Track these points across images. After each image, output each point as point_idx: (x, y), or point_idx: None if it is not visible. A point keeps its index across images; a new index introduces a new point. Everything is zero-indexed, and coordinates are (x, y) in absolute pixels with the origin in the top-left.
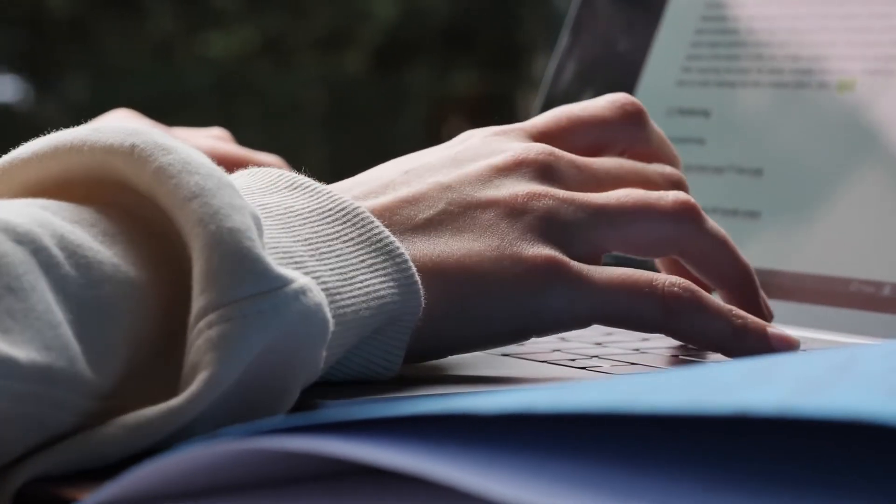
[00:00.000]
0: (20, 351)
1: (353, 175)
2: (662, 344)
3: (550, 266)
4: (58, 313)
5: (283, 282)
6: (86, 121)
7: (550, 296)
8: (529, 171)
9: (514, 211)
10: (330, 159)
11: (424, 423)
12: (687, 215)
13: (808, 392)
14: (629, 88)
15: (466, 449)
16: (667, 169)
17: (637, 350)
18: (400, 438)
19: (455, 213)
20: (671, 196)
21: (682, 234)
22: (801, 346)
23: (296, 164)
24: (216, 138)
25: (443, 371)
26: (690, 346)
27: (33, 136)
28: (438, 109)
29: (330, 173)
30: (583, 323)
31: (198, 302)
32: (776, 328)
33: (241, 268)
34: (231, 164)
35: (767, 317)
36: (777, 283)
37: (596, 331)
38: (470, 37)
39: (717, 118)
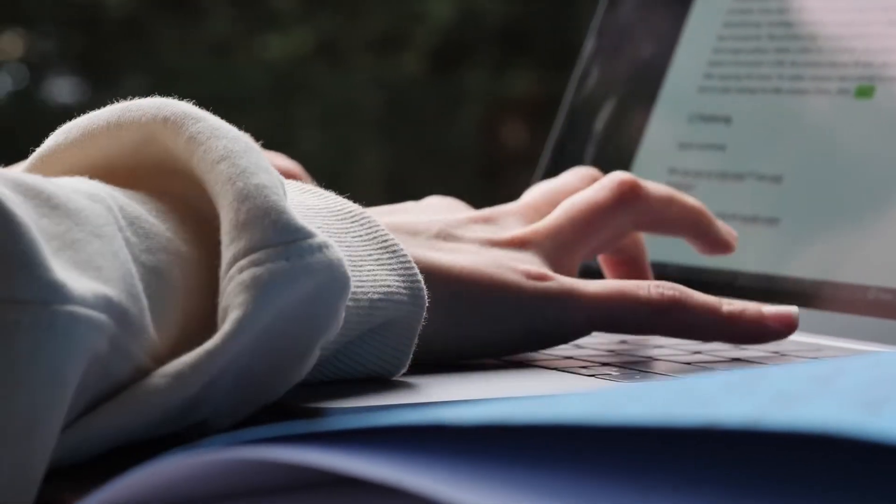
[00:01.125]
0: (112, 290)
1: (410, 175)
2: (673, 352)
3: (545, 277)
4: (132, 266)
5: (307, 234)
6: None
7: (550, 300)
8: (491, 223)
9: (499, 244)
10: (386, 160)
11: (404, 434)
12: (630, 195)
13: (782, 405)
14: (652, 95)
15: (444, 459)
16: (585, 171)
17: (650, 357)
18: (378, 448)
19: (446, 240)
20: (607, 185)
21: (633, 213)
22: (820, 353)
23: (352, 164)
24: None
25: (452, 378)
26: (690, 340)
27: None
28: (495, 111)
29: (386, 174)
30: (582, 331)
31: (227, 252)
32: (772, 307)
33: (267, 218)
34: None
35: (731, 240)
36: (795, 291)
37: (608, 338)
38: (526, 37)
39: (738, 125)
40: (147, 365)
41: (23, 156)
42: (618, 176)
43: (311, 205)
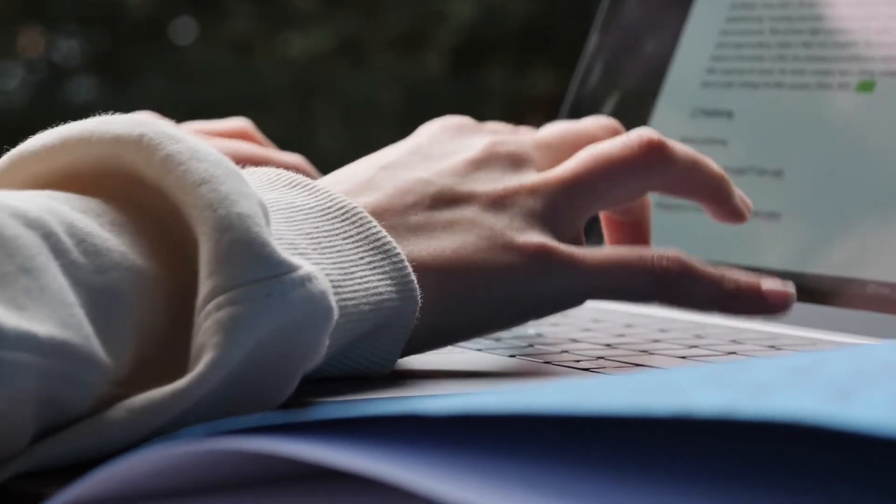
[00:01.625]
0: (39, 326)
1: None
2: (669, 346)
3: (542, 252)
4: (71, 294)
5: (290, 267)
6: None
7: (546, 280)
8: (500, 163)
9: (494, 204)
10: None
11: (382, 425)
12: (656, 156)
13: (758, 395)
14: (655, 89)
15: (421, 451)
16: (608, 121)
17: (644, 351)
18: (356, 440)
19: (440, 209)
20: (636, 141)
21: (657, 174)
22: (817, 347)
23: None
24: (238, 130)
25: (443, 370)
26: (689, 311)
27: None
28: (516, 109)
29: None
30: (577, 302)
31: (206, 285)
32: (769, 282)
33: (249, 252)
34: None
35: (745, 210)
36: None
37: (605, 332)
38: (548, 36)
39: (740, 119)
40: (107, 391)
41: None
42: (646, 133)
43: (299, 205)
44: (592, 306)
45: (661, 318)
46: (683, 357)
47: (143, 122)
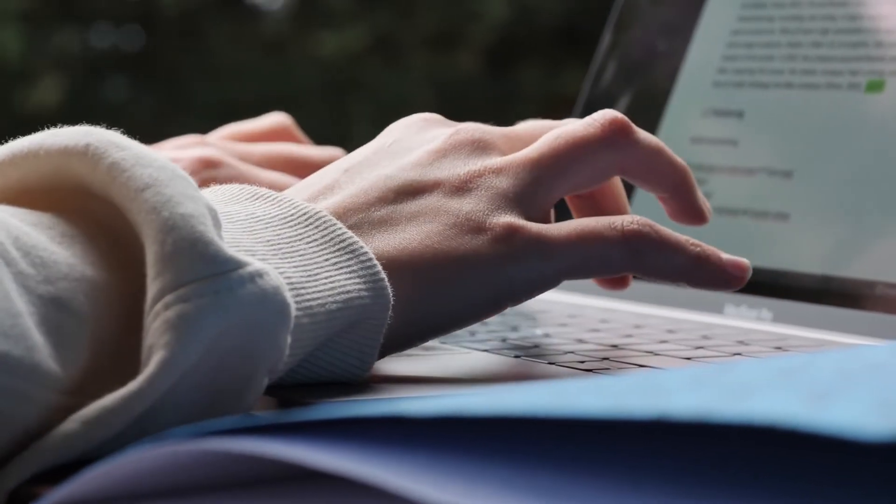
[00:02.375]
0: None
1: None
2: (677, 346)
3: (509, 232)
4: (17, 304)
5: (237, 264)
6: (197, 119)
7: (516, 262)
8: (465, 149)
9: (459, 189)
10: None
11: (368, 427)
12: (620, 135)
13: (737, 397)
14: (667, 89)
15: (405, 452)
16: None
17: (650, 352)
18: (340, 441)
19: (404, 202)
20: (599, 120)
21: (620, 154)
22: (825, 348)
23: None
24: (277, 128)
25: (442, 373)
26: (654, 280)
27: (146, 135)
28: (550, 108)
29: None
30: (552, 282)
31: (153, 286)
32: (727, 256)
33: (194, 250)
34: (297, 168)
35: (706, 212)
36: (803, 286)
37: (612, 332)
38: (581, 35)
39: (750, 119)
40: (58, 402)
41: None
42: (610, 113)
43: (260, 215)
44: (601, 306)
45: (669, 318)
46: (688, 358)
47: (90, 132)
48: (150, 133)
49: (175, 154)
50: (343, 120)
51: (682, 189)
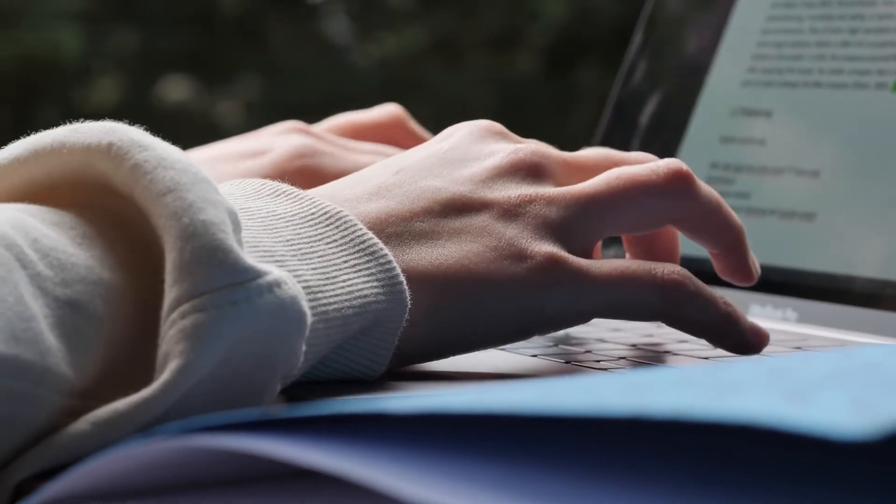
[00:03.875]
0: None
1: None
2: (697, 346)
3: (550, 263)
4: (32, 307)
5: (256, 273)
6: (256, 119)
7: (552, 293)
8: (521, 172)
9: (507, 213)
10: None
11: (358, 424)
12: (681, 186)
13: (718, 396)
14: (696, 88)
15: (390, 449)
16: (645, 155)
17: (668, 352)
18: (324, 438)
19: (450, 217)
20: (662, 168)
21: (678, 205)
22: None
23: None
24: (390, 119)
25: (465, 368)
26: (680, 329)
27: (206, 134)
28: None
29: None
30: (585, 317)
31: (171, 293)
32: (750, 321)
33: (213, 259)
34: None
35: (754, 273)
36: (827, 286)
37: (634, 332)
38: None
39: (779, 118)
40: (68, 404)
41: None
42: (674, 162)
43: (281, 213)
44: None
45: None
46: (706, 358)
47: (113, 130)
48: (206, 133)
49: (267, 143)
50: None
51: (734, 249)
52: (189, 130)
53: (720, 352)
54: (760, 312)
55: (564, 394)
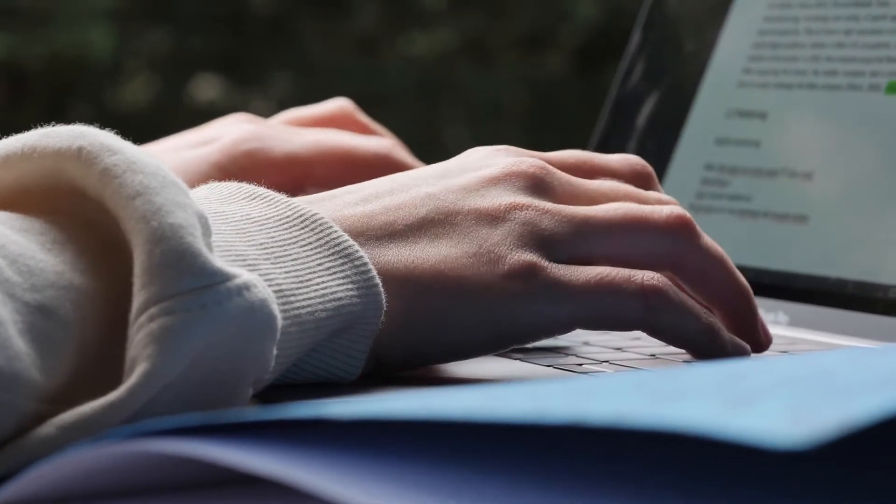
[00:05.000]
0: None
1: None
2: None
3: (527, 270)
4: (0, 312)
5: (225, 277)
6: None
7: (528, 301)
8: (518, 182)
9: (493, 219)
10: None
11: (303, 428)
12: (682, 230)
13: (662, 402)
14: (693, 89)
15: (332, 454)
16: (664, 197)
17: (653, 356)
18: (269, 443)
19: (434, 221)
20: (665, 210)
21: (676, 249)
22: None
23: None
24: (336, 113)
25: (435, 374)
26: (661, 340)
27: None
28: None
29: None
30: (564, 328)
31: (139, 297)
32: (732, 337)
33: (182, 262)
34: (343, 161)
35: (765, 343)
36: (819, 289)
37: (621, 335)
38: None
39: (773, 120)
40: (38, 409)
41: None
42: (678, 208)
43: (255, 216)
44: None
45: None
46: (687, 361)
47: (83, 134)
48: None
49: (214, 133)
50: (435, 121)
51: (741, 312)
52: None
53: None
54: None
55: (509, 399)
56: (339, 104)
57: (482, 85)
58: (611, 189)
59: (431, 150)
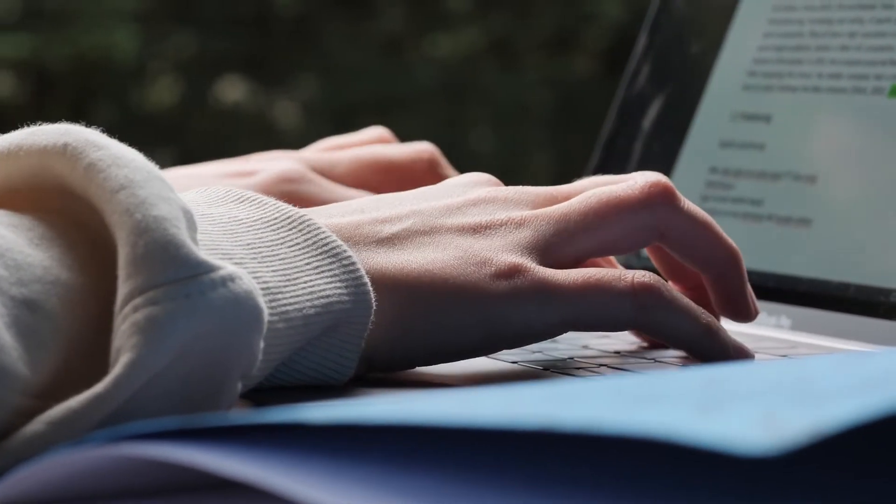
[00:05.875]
0: None
1: (579, 177)
2: (679, 353)
3: (514, 271)
4: None
5: (210, 268)
6: (312, 120)
7: (517, 302)
8: (497, 202)
9: (475, 231)
10: (556, 161)
11: (280, 433)
12: (661, 198)
13: (632, 408)
14: (699, 92)
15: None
16: (635, 174)
17: (652, 360)
18: (251, 447)
19: (419, 231)
20: (639, 181)
21: (659, 218)
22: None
23: (522, 164)
24: (376, 139)
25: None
26: (658, 339)
27: (264, 135)
28: None
29: (556, 175)
30: (555, 330)
31: (123, 288)
32: (732, 337)
33: (166, 253)
34: (383, 171)
35: (752, 310)
36: (821, 293)
37: (621, 339)
38: None
39: (778, 123)
40: (25, 405)
41: (196, 154)
42: (652, 175)
43: (242, 218)
44: None
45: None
46: (684, 365)
47: (68, 132)
48: (263, 134)
49: (255, 166)
50: (460, 123)
51: (728, 274)
52: (246, 131)
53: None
54: (756, 319)
55: (483, 404)
56: (377, 132)
57: (508, 86)
58: (582, 185)
59: (457, 151)
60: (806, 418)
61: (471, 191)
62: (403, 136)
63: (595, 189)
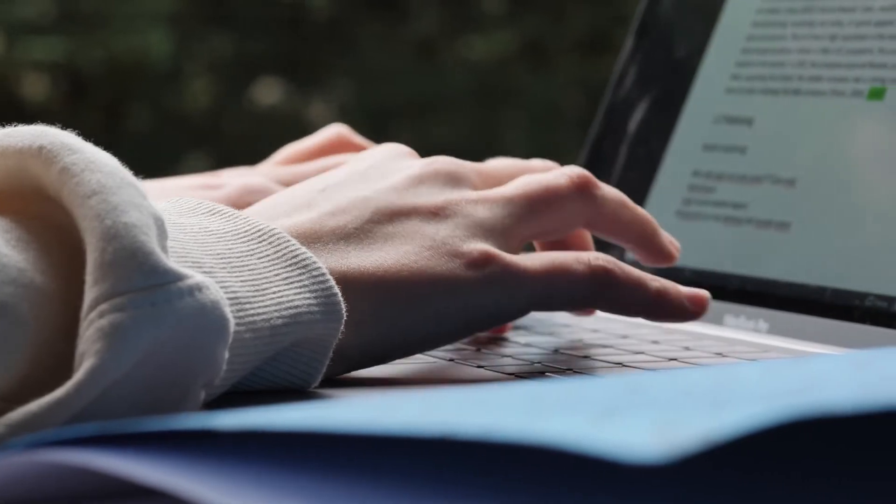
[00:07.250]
0: None
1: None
2: (653, 357)
3: (485, 259)
4: None
5: (177, 276)
6: (347, 121)
7: (491, 289)
8: (440, 178)
9: (435, 216)
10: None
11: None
12: (585, 189)
13: (534, 416)
14: (682, 95)
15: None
16: (548, 162)
17: (619, 363)
18: (160, 453)
19: (381, 222)
20: (567, 173)
21: (587, 206)
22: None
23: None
24: (331, 141)
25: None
26: (615, 313)
27: (299, 137)
28: None
29: None
30: (524, 311)
31: (90, 294)
32: (687, 288)
33: (133, 260)
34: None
35: (673, 252)
36: (798, 297)
37: (604, 338)
38: None
39: (759, 126)
40: None
41: (230, 157)
42: (575, 168)
43: (213, 229)
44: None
45: (663, 328)
46: (670, 364)
47: (44, 134)
48: (299, 136)
49: (222, 181)
50: (493, 125)
51: (646, 236)
52: (281, 133)
53: (674, 363)
54: (734, 323)
55: (397, 411)
56: (334, 131)
57: (541, 89)
58: (509, 165)
59: (491, 154)
60: (700, 426)
61: (401, 165)
62: (437, 138)
63: (533, 177)
